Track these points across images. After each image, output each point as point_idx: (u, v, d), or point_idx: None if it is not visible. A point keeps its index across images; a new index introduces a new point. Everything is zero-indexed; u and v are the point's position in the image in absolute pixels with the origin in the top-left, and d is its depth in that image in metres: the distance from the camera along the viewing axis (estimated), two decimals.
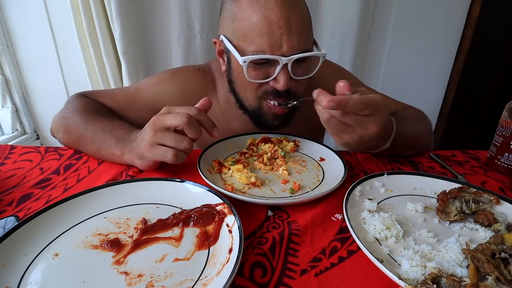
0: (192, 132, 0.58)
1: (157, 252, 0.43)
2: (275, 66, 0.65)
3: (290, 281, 0.40)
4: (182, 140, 0.58)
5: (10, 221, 0.49)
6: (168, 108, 0.61)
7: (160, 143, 0.59)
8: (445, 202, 0.52)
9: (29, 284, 0.38)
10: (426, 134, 0.81)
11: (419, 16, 1.54)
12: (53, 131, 0.81)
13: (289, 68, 0.64)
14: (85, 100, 0.81)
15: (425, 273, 0.38)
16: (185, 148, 0.58)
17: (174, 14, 1.35)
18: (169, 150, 0.59)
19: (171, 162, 0.59)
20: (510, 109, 0.68)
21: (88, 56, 1.42)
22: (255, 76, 0.67)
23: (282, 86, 0.66)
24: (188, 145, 0.58)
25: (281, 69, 0.64)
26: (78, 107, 0.77)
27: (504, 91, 1.86)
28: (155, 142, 0.60)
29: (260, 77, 0.67)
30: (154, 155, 0.60)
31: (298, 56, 0.63)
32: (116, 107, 0.84)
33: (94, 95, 0.85)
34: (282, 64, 0.63)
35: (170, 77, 0.87)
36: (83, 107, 0.77)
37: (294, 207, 0.55)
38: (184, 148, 0.58)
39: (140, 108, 0.83)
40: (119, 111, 0.84)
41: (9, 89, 1.59)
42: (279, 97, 0.70)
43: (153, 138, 0.60)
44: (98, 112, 0.77)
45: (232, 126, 0.86)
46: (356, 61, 1.54)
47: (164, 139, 0.59)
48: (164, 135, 0.59)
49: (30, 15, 1.45)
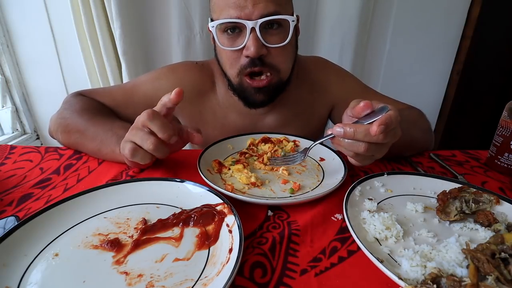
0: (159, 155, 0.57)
1: (157, 252, 0.43)
2: (245, 33, 0.67)
3: (290, 281, 0.40)
4: (147, 139, 0.55)
5: (10, 221, 0.49)
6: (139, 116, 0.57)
7: (129, 139, 0.57)
8: (445, 202, 0.52)
9: (29, 284, 0.38)
10: (424, 135, 0.80)
11: (419, 16, 1.54)
12: (52, 131, 0.80)
13: (258, 34, 0.66)
14: (83, 99, 0.80)
15: (425, 273, 0.38)
16: (148, 149, 0.55)
17: (174, 14, 1.35)
18: (128, 143, 0.56)
19: (129, 158, 0.57)
20: (510, 109, 0.68)
21: (88, 56, 1.42)
22: (228, 44, 0.71)
23: (252, 52, 0.66)
24: (151, 145, 0.54)
25: (250, 34, 0.66)
26: (77, 106, 0.77)
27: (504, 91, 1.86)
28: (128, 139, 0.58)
29: (232, 46, 0.70)
30: (122, 150, 0.59)
31: (264, 20, 0.65)
32: (114, 104, 0.83)
33: (91, 93, 0.84)
34: (249, 28, 0.65)
35: (167, 72, 0.87)
36: (82, 107, 0.77)
37: (294, 207, 0.55)
38: (147, 148, 0.55)
39: (138, 104, 0.83)
40: (117, 108, 0.83)
41: (9, 89, 1.59)
42: (255, 66, 0.70)
43: (128, 135, 0.58)
44: (98, 112, 0.77)
45: (230, 119, 0.88)
46: (356, 61, 1.54)
47: (133, 136, 0.57)
48: (137, 132, 0.56)
49: (30, 15, 1.45)
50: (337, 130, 0.51)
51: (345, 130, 0.50)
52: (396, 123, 0.50)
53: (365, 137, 0.49)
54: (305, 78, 0.89)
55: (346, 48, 1.51)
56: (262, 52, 0.68)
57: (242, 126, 0.89)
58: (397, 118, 0.50)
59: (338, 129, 0.50)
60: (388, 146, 0.53)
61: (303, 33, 1.47)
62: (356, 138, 0.50)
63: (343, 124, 0.51)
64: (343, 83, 0.91)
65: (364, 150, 0.51)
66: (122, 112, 0.83)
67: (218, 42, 0.71)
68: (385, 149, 0.54)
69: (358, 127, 0.49)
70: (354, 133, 0.49)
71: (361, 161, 0.55)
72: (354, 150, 0.52)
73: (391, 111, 0.50)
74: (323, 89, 0.90)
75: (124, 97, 0.84)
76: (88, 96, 0.83)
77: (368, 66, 1.63)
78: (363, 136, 0.49)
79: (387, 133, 0.49)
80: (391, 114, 0.49)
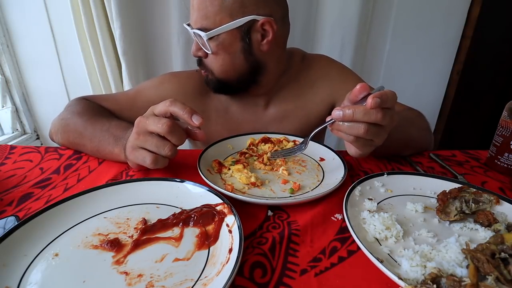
0: (175, 139, 0.57)
1: (157, 252, 0.43)
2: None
3: (290, 281, 0.40)
4: (163, 146, 0.57)
5: (10, 221, 0.49)
6: (152, 108, 0.60)
7: (142, 146, 0.59)
8: (445, 202, 0.52)
9: (29, 284, 0.38)
10: (422, 134, 0.80)
11: (419, 16, 1.54)
12: (52, 133, 0.81)
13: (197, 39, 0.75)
14: (85, 102, 0.81)
15: (425, 273, 0.38)
16: (166, 155, 0.57)
17: (174, 14, 1.35)
18: (148, 155, 0.58)
19: (150, 167, 0.59)
20: (510, 109, 0.68)
21: (88, 56, 1.42)
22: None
23: (192, 50, 0.78)
24: (169, 151, 0.57)
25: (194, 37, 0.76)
26: (78, 109, 0.78)
27: (504, 91, 1.86)
28: (137, 145, 0.59)
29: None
30: (135, 158, 0.60)
31: (190, 31, 0.75)
32: (117, 108, 0.84)
33: (95, 98, 0.86)
34: (191, 32, 0.75)
35: (170, 77, 0.90)
36: (82, 109, 0.77)
37: (294, 207, 0.55)
38: (165, 154, 0.57)
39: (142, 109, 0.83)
40: (120, 113, 0.84)
41: (9, 89, 1.58)
42: (199, 64, 0.82)
43: (136, 141, 0.59)
44: (98, 113, 0.77)
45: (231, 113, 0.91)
46: (356, 61, 1.54)
47: (146, 143, 0.58)
48: (146, 139, 0.58)
49: (30, 15, 1.45)
50: (336, 113, 0.51)
51: (344, 112, 0.50)
52: (392, 101, 0.50)
53: (364, 117, 0.49)
54: (307, 75, 0.91)
55: (346, 48, 1.51)
56: (198, 54, 0.78)
57: (243, 118, 0.91)
58: (394, 96, 0.50)
59: (337, 112, 0.51)
60: (386, 130, 0.53)
61: (303, 33, 1.49)
62: (355, 119, 0.50)
63: (342, 107, 0.51)
64: (345, 80, 0.91)
65: (364, 132, 0.50)
66: (126, 115, 0.84)
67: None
68: (384, 133, 0.53)
69: (356, 107, 0.50)
70: (353, 114, 0.49)
71: (361, 148, 0.55)
72: (354, 133, 0.51)
73: (386, 89, 0.51)
74: (324, 85, 0.91)
75: (127, 102, 0.86)
76: (91, 100, 0.84)
77: (368, 66, 1.63)
78: (362, 116, 0.49)
79: (384, 112, 0.49)
80: (387, 90, 0.50)
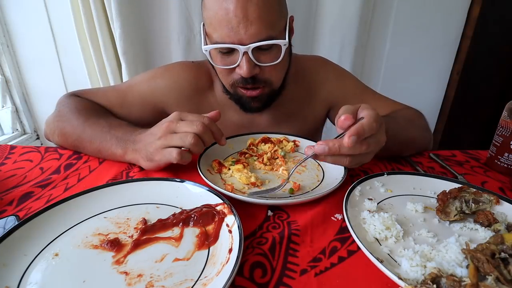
0: (206, 140, 0.60)
1: (157, 252, 0.43)
2: (238, 53, 0.67)
3: (290, 281, 0.40)
4: (186, 136, 0.59)
5: (10, 221, 0.49)
6: (179, 114, 0.62)
7: (168, 145, 0.60)
8: (445, 202, 0.52)
9: (29, 284, 0.38)
10: (422, 134, 0.80)
11: (419, 16, 1.54)
12: (48, 134, 0.79)
13: (251, 56, 0.67)
14: (77, 100, 0.80)
15: (425, 273, 0.38)
16: (191, 144, 0.58)
17: (174, 14, 1.36)
18: (174, 150, 0.60)
19: (176, 161, 0.60)
20: (510, 109, 0.68)
21: (88, 56, 1.42)
22: (222, 63, 0.71)
23: (244, 73, 0.68)
24: (193, 139, 0.58)
25: (243, 57, 0.67)
26: (72, 108, 0.76)
27: (504, 91, 1.86)
28: (164, 145, 0.61)
29: (226, 64, 0.70)
30: (162, 157, 0.61)
31: (256, 45, 0.65)
32: (108, 104, 0.83)
33: (85, 94, 0.84)
34: (242, 52, 0.66)
35: (162, 72, 0.87)
36: (77, 108, 0.76)
37: (294, 207, 0.55)
38: (189, 143, 0.58)
39: (133, 104, 0.83)
40: (111, 109, 0.83)
41: (9, 89, 1.59)
42: (247, 84, 0.72)
43: (164, 142, 0.61)
44: (94, 113, 0.76)
45: (228, 116, 0.88)
46: (356, 61, 1.54)
47: (172, 141, 0.60)
48: (171, 137, 0.60)
49: (30, 15, 1.45)
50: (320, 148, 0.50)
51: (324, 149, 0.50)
52: (371, 129, 0.50)
53: (348, 151, 0.50)
54: (303, 77, 0.89)
55: (346, 48, 1.51)
56: (254, 72, 0.70)
57: (240, 122, 0.89)
58: (371, 124, 0.49)
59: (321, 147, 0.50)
60: (374, 152, 0.54)
61: (303, 33, 1.49)
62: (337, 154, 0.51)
63: (323, 142, 0.51)
64: (342, 82, 0.91)
65: (348, 164, 0.53)
66: (116, 112, 0.83)
67: (211, 59, 0.72)
68: (371, 155, 0.54)
69: (334, 142, 0.50)
70: (329, 150, 0.50)
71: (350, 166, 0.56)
72: (339, 164, 0.53)
73: (364, 119, 0.50)
74: (320, 88, 0.90)
75: (118, 97, 0.84)
76: (82, 96, 0.83)
77: (368, 66, 1.63)
78: (347, 151, 0.50)
79: (367, 142, 0.50)
80: (363, 122, 0.49)
